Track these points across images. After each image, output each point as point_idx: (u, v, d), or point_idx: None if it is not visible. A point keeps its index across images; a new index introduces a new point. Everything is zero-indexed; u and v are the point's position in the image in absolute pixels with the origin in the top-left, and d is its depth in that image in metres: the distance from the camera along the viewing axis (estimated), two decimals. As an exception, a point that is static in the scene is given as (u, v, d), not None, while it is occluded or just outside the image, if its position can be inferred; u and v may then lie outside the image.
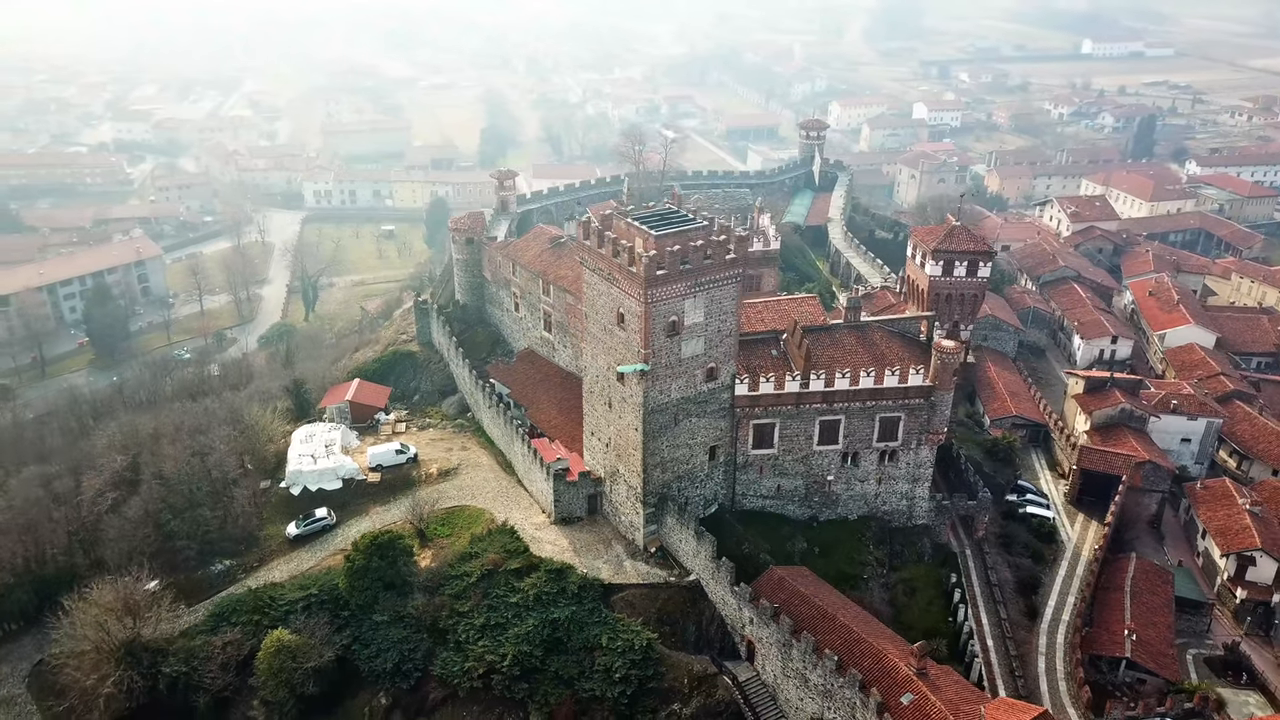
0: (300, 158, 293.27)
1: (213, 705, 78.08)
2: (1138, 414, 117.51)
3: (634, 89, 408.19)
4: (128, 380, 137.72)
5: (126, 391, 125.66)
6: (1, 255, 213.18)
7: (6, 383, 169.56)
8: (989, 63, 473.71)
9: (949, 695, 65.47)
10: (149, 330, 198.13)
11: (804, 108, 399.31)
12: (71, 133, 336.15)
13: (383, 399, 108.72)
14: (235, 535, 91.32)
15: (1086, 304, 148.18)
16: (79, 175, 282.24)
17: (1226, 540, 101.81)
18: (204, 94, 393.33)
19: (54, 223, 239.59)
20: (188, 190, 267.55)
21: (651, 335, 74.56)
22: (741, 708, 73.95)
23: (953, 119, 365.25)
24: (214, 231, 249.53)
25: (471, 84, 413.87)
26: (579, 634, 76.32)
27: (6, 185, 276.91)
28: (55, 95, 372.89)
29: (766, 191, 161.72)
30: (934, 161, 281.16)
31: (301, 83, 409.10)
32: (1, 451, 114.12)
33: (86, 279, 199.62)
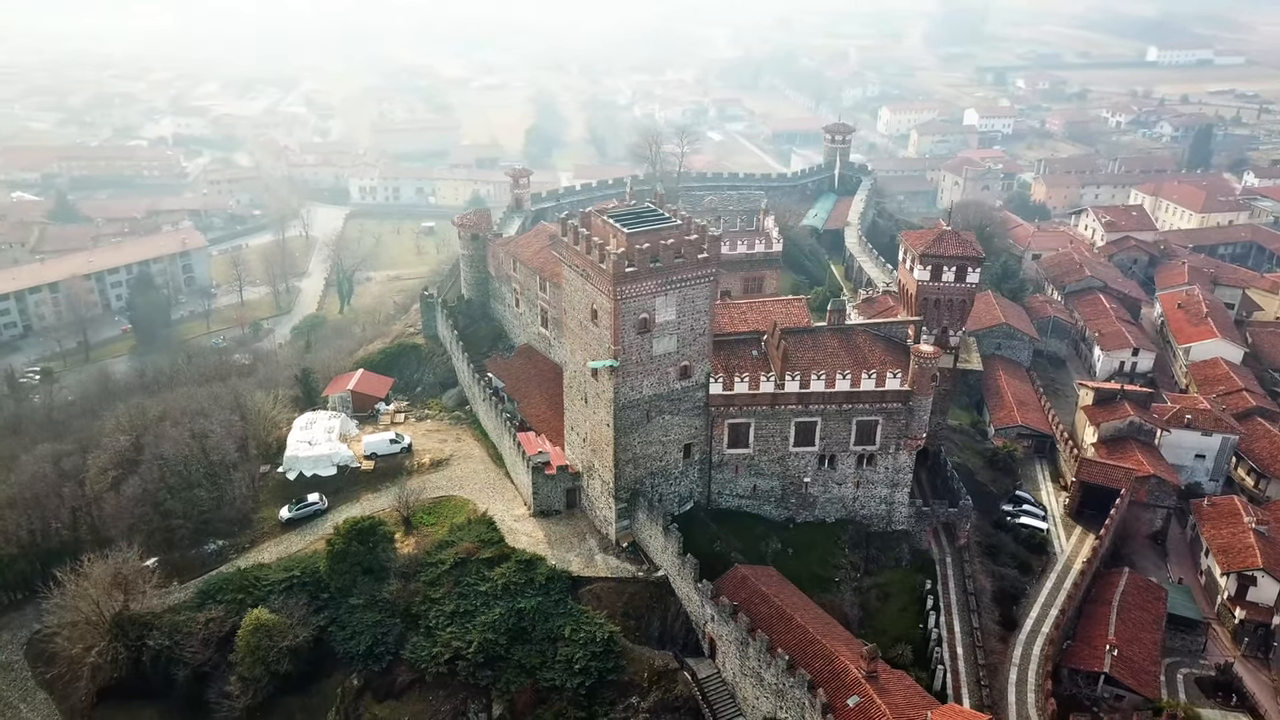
0: (349, 155, 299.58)
1: (192, 679, 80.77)
2: (1147, 427, 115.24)
3: (684, 91, 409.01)
4: (148, 365, 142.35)
5: (146, 376, 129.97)
6: (57, 244, 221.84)
7: (51, 366, 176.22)
8: (1049, 69, 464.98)
9: (896, 700, 65.24)
10: (190, 319, 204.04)
11: (855, 113, 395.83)
12: (134, 127, 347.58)
13: (384, 389, 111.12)
14: (230, 516, 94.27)
15: (1110, 315, 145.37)
16: (137, 168, 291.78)
17: (1228, 559, 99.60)
18: (264, 91, 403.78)
19: (109, 213, 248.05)
20: (238, 184, 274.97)
21: (621, 332, 75.45)
22: (700, 704, 74.45)
23: (1004, 126, 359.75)
24: (261, 225, 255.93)
25: (523, 85, 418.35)
26: (543, 624, 77.52)
27: (69, 177, 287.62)
28: (122, 90, 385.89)
29: (789, 195, 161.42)
30: (978, 168, 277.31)
31: (358, 82, 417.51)
32: (31, 430, 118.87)
33: (133, 268, 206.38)
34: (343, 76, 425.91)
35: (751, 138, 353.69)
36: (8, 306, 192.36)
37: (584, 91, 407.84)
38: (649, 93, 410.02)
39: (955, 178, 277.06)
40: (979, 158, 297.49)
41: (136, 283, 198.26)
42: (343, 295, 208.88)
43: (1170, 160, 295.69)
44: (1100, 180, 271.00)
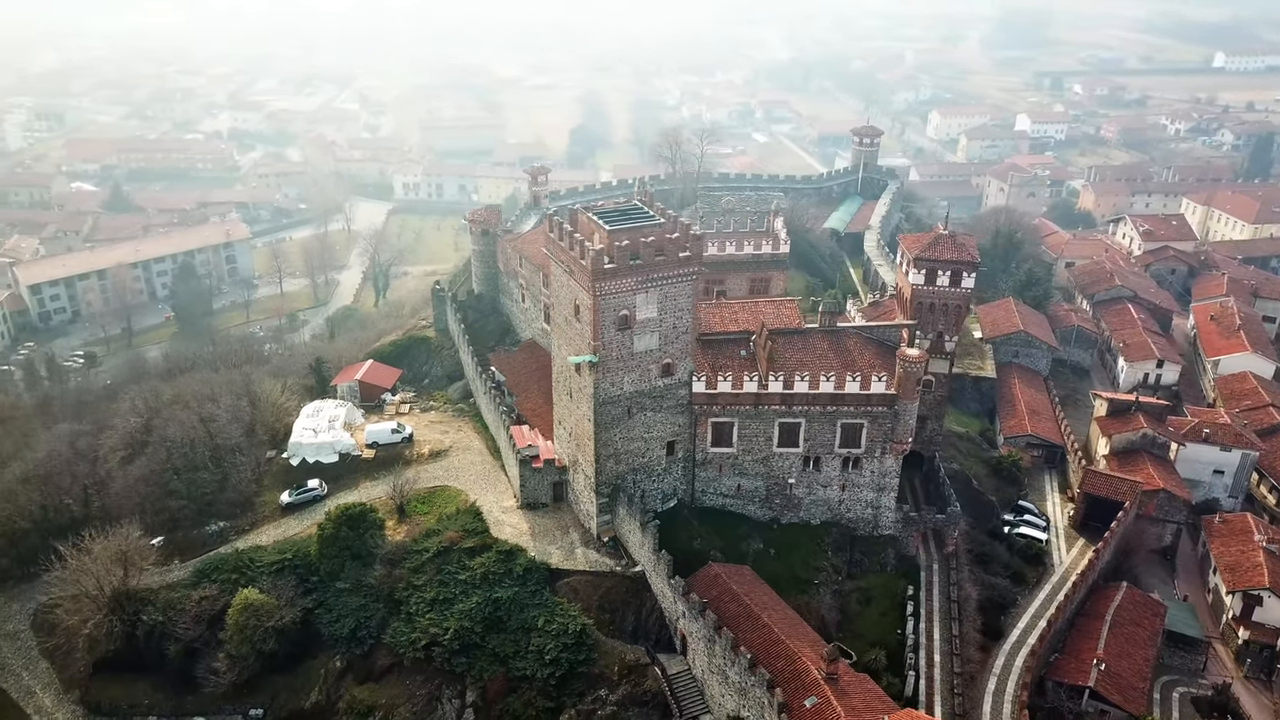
0: (395, 151, 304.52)
1: (183, 655, 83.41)
2: (1160, 440, 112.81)
3: (731, 93, 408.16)
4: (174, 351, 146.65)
5: (171, 361, 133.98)
6: (109, 233, 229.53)
7: (95, 350, 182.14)
8: (1108, 75, 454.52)
9: (854, 703, 65.10)
10: (231, 308, 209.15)
11: (905, 116, 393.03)
12: (193, 121, 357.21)
13: (391, 380, 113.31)
14: (233, 499, 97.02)
15: (1137, 325, 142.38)
16: (191, 161, 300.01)
17: (1235, 577, 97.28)
18: (320, 88, 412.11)
19: (161, 204, 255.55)
20: (286, 178, 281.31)
21: (601, 327, 76.24)
22: (668, 699, 74.92)
23: (1057, 131, 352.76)
24: (306, 218, 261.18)
25: (573, 85, 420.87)
26: (518, 614, 78.67)
27: (127, 168, 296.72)
28: (184, 85, 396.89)
29: (812, 197, 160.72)
30: (1024, 174, 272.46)
31: (412, 80, 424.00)
32: (58, 411, 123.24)
33: (178, 257, 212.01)
34: (398, 74, 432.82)
35: (797, 140, 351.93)
36: (58, 292, 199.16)
37: (632, 92, 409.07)
38: (697, 94, 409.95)
39: (1000, 184, 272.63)
40: (1027, 164, 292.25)
41: (180, 272, 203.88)
42: (378, 289, 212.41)
43: (1228, 169, 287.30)
44: (1151, 189, 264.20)
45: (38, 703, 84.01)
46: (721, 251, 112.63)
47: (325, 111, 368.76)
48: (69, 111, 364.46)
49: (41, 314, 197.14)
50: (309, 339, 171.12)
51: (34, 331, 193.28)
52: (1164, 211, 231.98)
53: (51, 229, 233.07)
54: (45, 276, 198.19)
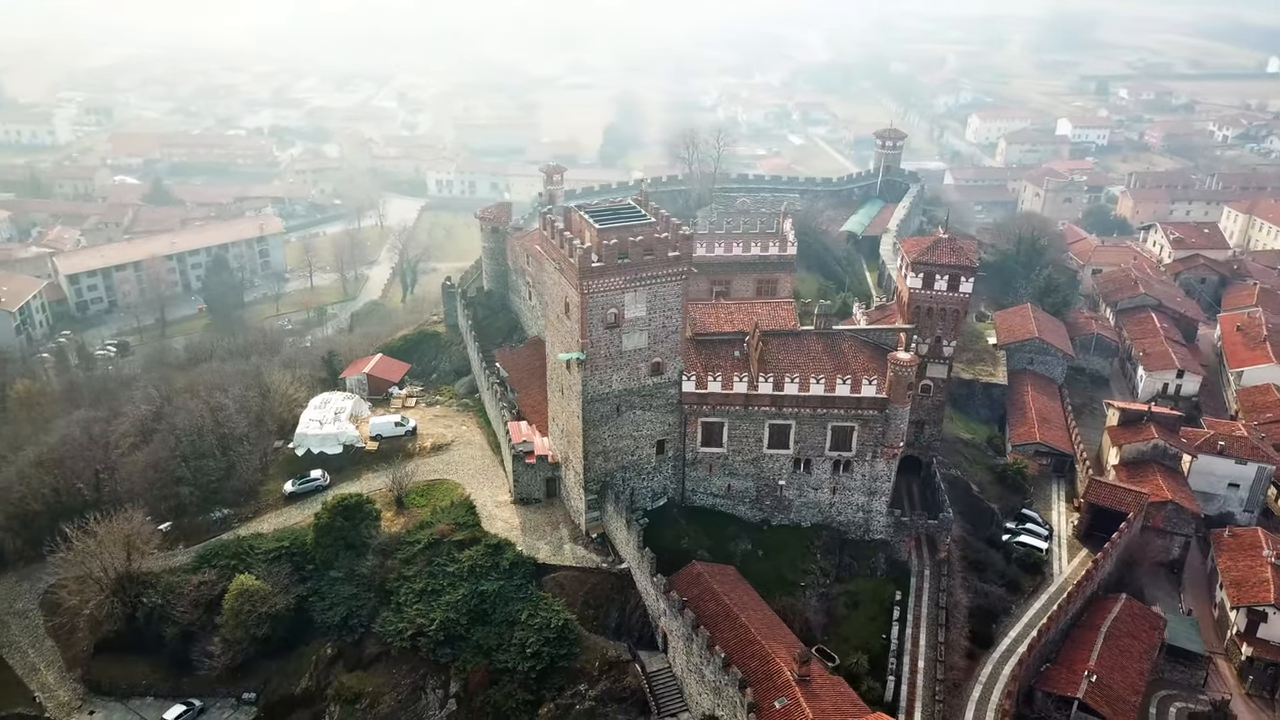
0: (430, 149, 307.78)
1: (180, 638, 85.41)
2: (1172, 452, 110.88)
3: (769, 94, 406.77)
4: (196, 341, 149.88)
5: (191, 351, 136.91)
6: (148, 225, 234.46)
7: (128, 340, 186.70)
8: (1156, 79, 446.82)
9: (824, 705, 65.08)
10: (261, 301, 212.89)
11: (945, 119, 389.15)
12: (236, 117, 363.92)
13: (399, 374, 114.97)
14: (238, 487, 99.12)
15: (1158, 334, 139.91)
16: (232, 156, 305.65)
17: (1240, 592, 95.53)
18: (360, 86, 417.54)
19: (200, 198, 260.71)
20: (322, 174, 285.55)
21: (589, 325, 76.85)
22: (647, 697, 75.29)
23: (1099, 137, 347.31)
24: (340, 214, 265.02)
25: (610, 85, 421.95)
26: (503, 608, 79.51)
27: (169, 162, 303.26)
28: (227, 82, 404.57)
29: (831, 199, 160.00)
30: (1060, 179, 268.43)
31: (451, 79, 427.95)
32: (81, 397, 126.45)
33: (212, 250, 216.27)
34: (437, 73, 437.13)
35: (833, 143, 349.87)
36: (95, 283, 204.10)
37: (669, 92, 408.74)
38: (734, 95, 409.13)
39: (1036, 189, 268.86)
40: (1065, 169, 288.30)
41: (212, 265, 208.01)
42: (405, 284, 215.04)
43: (1275, 177, 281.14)
44: (1193, 196, 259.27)
45: (41, 680, 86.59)
46: (728, 252, 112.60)
47: (364, 109, 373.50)
48: (117, 107, 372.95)
49: (79, 303, 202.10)
50: (331, 333, 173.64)
51: (71, 320, 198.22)
52: (1205, 219, 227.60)
53: (93, 220, 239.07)
54: (83, 267, 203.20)
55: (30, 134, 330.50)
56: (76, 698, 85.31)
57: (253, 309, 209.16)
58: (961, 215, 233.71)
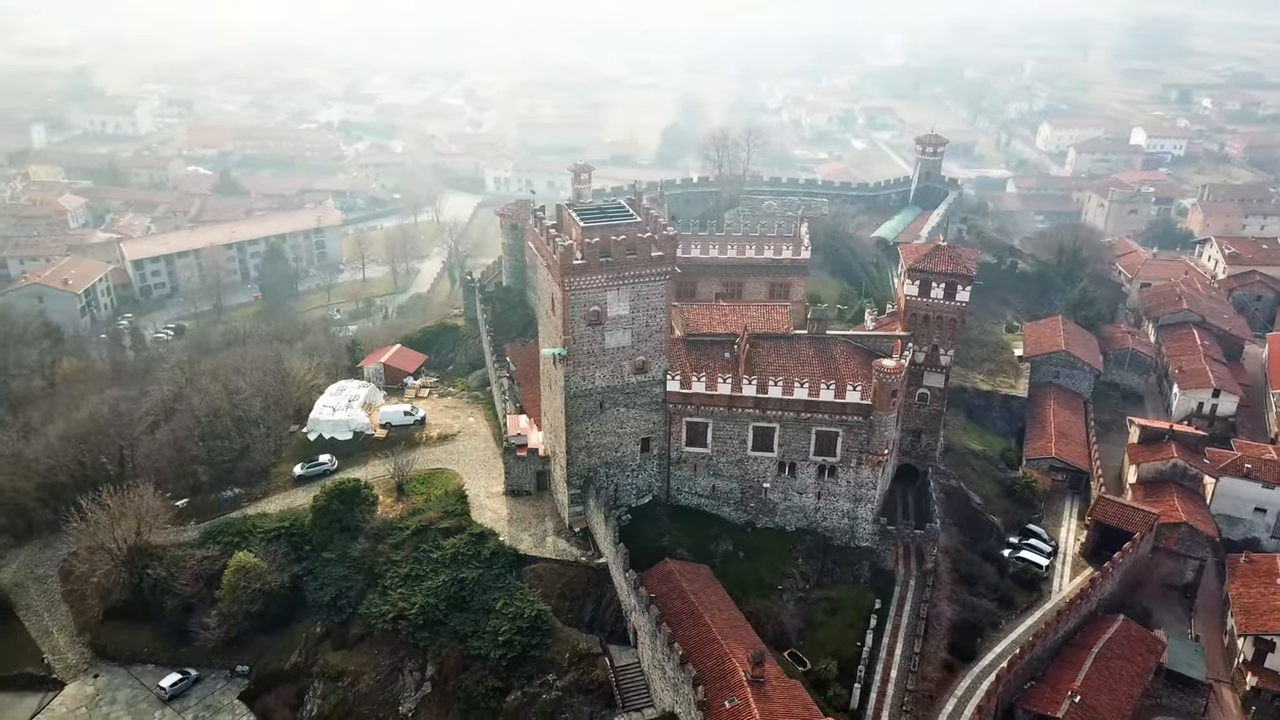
0: (491, 146, 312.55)
1: (180, 609, 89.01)
2: (1191, 472, 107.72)
3: (836, 98, 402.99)
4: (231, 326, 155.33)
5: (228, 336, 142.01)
6: (215, 214, 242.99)
7: (185, 325, 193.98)
8: (1245, 89, 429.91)
9: (775, 707, 65.23)
10: (314, 291, 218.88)
11: (1015, 126, 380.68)
12: (309, 111, 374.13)
13: (414, 365, 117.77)
14: (251, 468, 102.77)
15: (1197, 352, 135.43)
16: (300, 149, 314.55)
17: (1248, 620, 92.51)
18: (430, 83, 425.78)
19: (266, 189, 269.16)
20: (384, 169, 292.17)
21: (571, 322, 78.09)
22: (613, 690, 76.19)
23: (1175, 147, 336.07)
24: (398, 208, 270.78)
25: (676, 86, 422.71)
26: (480, 595, 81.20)
27: (242, 154, 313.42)
28: (303, 77, 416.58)
29: (864, 204, 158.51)
30: (1126, 191, 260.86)
31: (519, 77, 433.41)
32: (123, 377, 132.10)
33: (271, 240, 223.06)
34: (506, 71, 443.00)
35: (896, 147, 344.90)
36: (159, 268, 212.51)
37: (733, 94, 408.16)
38: (800, 98, 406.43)
39: (1100, 200, 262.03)
40: (1135, 180, 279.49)
41: (268, 254, 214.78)
42: (453, 278, 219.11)
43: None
44: (1268, 210, 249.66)
45: (53, 642, 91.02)
46: (741, 255, 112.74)
47: (432, 106, 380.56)
48: (198, 100, 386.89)
49: (143, 288, 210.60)
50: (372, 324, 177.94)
51: (135, 304, 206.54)
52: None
53: (162, 209, 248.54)
54: (147, 253, 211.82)
55: (114, 125, 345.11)
56: (84, 661, 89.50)
57: (305, 298, 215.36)
58: (1019, 224, 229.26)
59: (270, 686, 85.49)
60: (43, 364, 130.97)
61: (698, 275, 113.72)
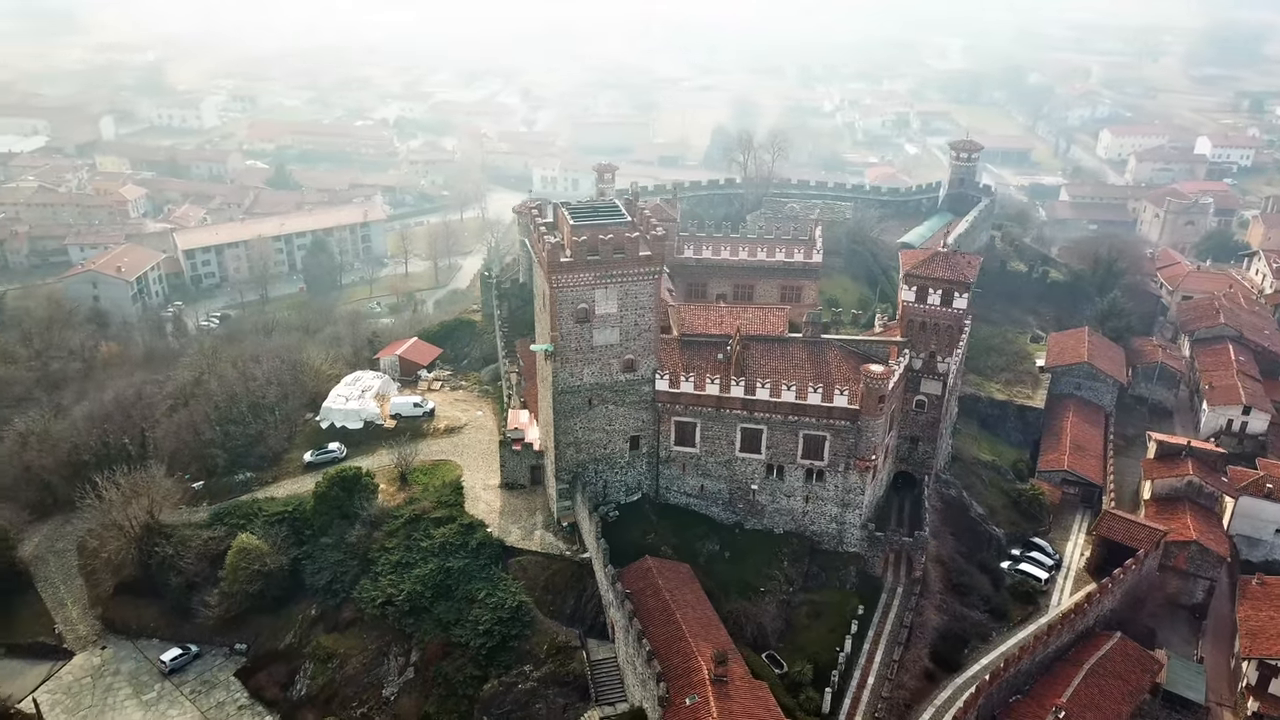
0: (541, 145, 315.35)
1: (184, 587, 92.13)
2: (1207, 490, 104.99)
3: (893, 101, 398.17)
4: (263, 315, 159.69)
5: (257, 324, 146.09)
6: (267, 207, 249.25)
7: (230, 313, 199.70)
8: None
9: (734, 707, 65.51)
10: (357, 284, 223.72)
11: (1077, 133, 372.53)
12: (368, 108, 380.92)
13: (429, 358, 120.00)
14: (264, 453, 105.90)
15: (1231, 368, 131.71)
16: (356, 145, 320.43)
17: (1254, 643, 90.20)
18: (488, 83, 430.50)
19: (318, 183, 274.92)
20: (434, 165, 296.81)
21: (559, 319, 79.17)
22: (588, 683, 77.06)
23: (1242, 157, 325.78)
24: (446, 205, 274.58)
25: (733, 88, 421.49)
26: (465, 585, 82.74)
27: (299, 149, 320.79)
28: (363, 75, 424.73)
29: (898, 210, 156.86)
30: (1183, 201, 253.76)
31: (576, 77, 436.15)
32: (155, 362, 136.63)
33: (318, 233, 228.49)
34: (564, 72, 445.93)
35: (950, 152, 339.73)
36: (209, 258, 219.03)
37: (789, 97, 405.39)
38: (858, 102, 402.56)
39: (1156, 210, 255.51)
40: (1192, 190, 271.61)
41: (312, 247, 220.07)
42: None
43: None
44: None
45: (66, 614, 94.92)
46: (752, 257, 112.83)
47: (487, 105, 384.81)
48: (262, 95, 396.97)
49: (194, 277, 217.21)
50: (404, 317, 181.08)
51: (185, 292, 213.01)
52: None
53: (218, 201, 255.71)
54: (199, 243, 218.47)
55: (180, 119, 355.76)
56: (94, 633, 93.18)
57: (348, 290, 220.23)
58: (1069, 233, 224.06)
59: (265, 665, 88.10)
60: (83, 347, 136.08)
61: (709, 276, 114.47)
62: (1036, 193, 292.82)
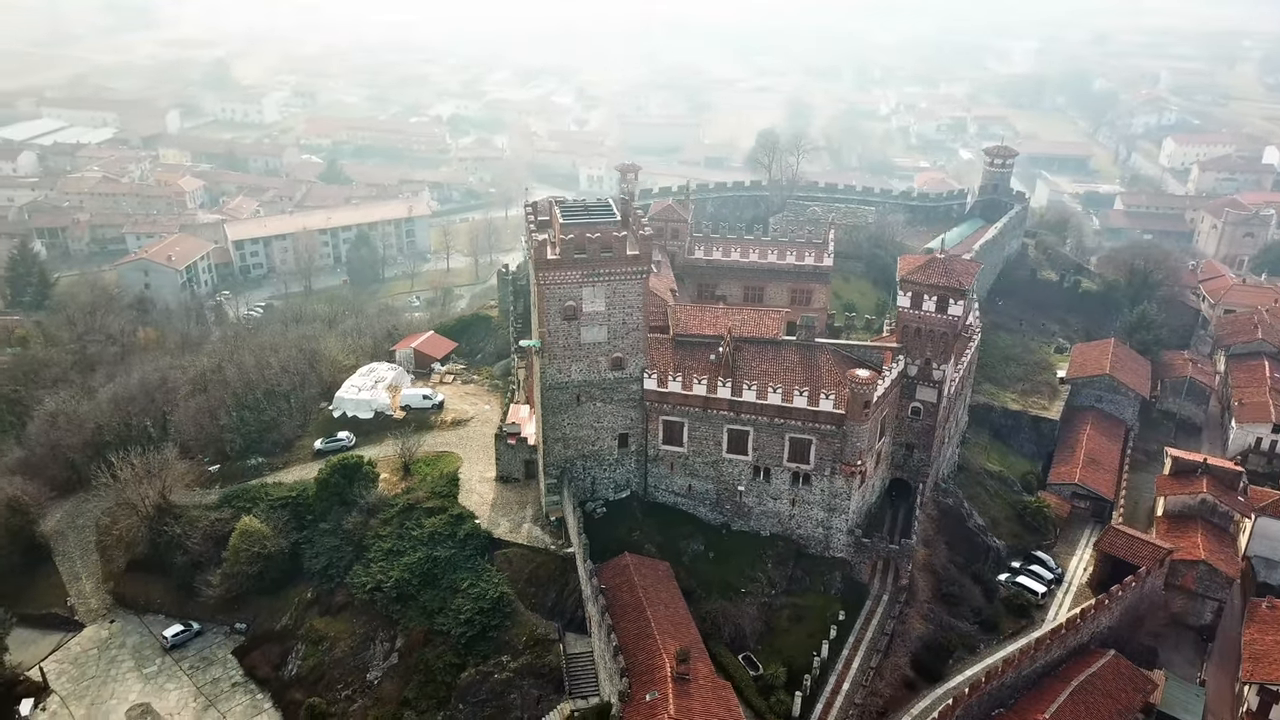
0: (588, 144, 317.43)
1: (189, 566, 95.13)
2: (1222, 509, 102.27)
3: (949, 106, 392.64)
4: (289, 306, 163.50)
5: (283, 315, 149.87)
6: (318, 200, 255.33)
7: (275, 303, 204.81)
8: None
9: (693, 704, 65.84)
10: (399, 278, 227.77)
11: (1139, 141, 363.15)
12: (424, 105, 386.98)
13: (443, 351, 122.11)
14: (277, 440, 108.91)
15: (1265, 384, 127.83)
16: (408, 142, 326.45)
17: (1256, 667, 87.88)
18: (544, 82, 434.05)
19: (368, 178, 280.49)
20: (482, 162, 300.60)
21: (546, 315, 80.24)
22: (563, 676, 77.98)
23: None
24: (491, 202, 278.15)
25: (789, 90, 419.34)
26: (450, 574, 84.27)
27: (354, 144, 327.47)
28: (421, 72, 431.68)
29: (925, 216, 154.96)
30: (1243, 212, 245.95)
31: (631, 78, 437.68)
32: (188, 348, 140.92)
33: (363, 227, 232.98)
34: (619, 72, 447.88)
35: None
36: (257, 249, 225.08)
37: (844, 100, 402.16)
38: (914, 105, 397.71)
39: (1214, 220, 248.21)
40: (1253, 201, 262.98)
41: (356, 240, 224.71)
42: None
43: None
44: None
45: (80, 587, 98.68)
46: (763, 259, 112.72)
47: (540, 103, 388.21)
48: (322, 91, 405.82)
49: (242, 267, 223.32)
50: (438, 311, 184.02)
51: (233, 282, 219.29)
52: None
53: (270, 194, 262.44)
54: (247, 234, 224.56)
55: (242, 113, 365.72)
56: (104, 607, 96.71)
57: (390, 284, 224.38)
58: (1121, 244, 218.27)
59: (261, 644, 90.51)
60: (122, 332, 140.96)
61: (719, 278, 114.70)
62: (1091, 201, 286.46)
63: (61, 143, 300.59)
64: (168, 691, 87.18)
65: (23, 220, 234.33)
